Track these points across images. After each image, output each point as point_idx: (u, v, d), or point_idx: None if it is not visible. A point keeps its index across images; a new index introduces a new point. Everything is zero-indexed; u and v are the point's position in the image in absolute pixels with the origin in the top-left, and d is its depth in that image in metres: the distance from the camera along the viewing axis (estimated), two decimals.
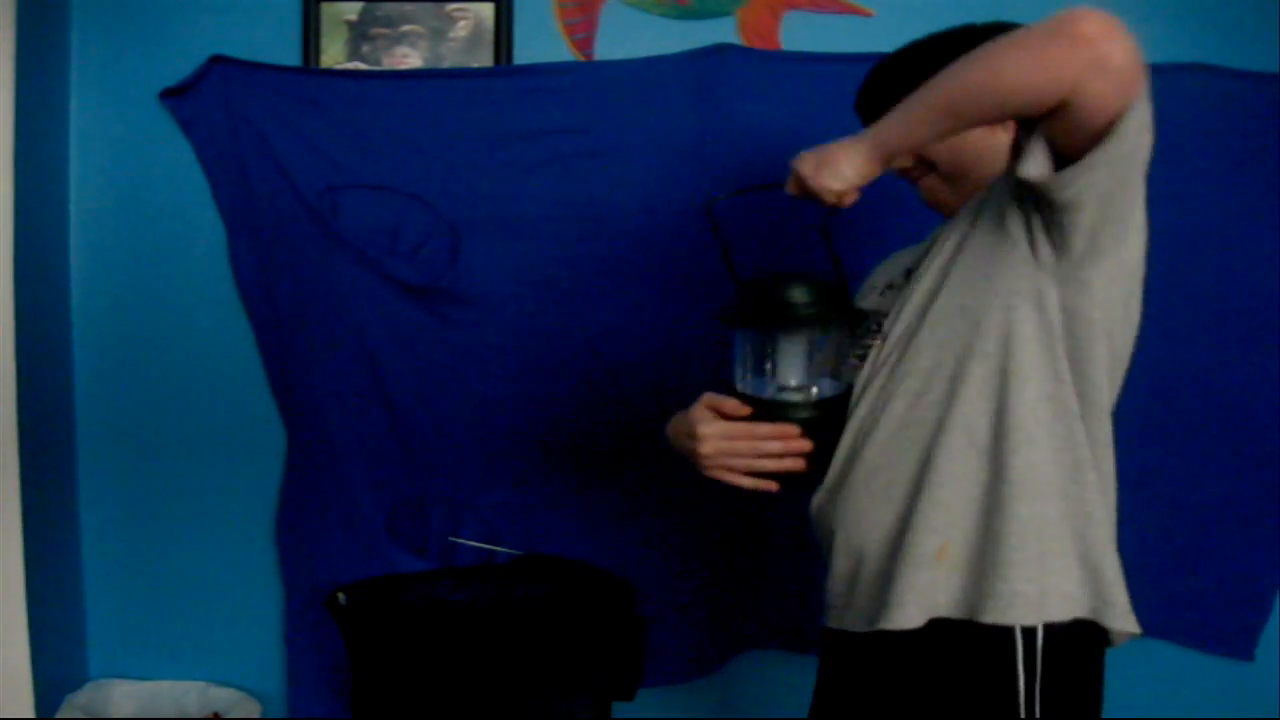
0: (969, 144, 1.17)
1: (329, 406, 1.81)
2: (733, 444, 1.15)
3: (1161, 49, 1.80)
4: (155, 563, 1.89)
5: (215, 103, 1.78)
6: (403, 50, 1.82)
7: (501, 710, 1.56)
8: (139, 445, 1.87)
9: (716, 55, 1.79)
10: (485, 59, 1.82)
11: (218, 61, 1.77)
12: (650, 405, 1.73)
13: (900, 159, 1.17)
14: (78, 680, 1.86)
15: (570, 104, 1.79)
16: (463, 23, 1.82)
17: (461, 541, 1.83)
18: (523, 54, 1.82)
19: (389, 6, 1.81)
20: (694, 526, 1.84)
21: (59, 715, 1.77)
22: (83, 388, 1.87)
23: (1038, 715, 1.04)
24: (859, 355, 1.19)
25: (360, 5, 1.81)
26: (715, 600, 1.88)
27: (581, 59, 1.83)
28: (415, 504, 1.85)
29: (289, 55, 1.80)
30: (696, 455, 1.17)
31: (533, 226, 1.80)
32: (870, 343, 1.18)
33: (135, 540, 1.89)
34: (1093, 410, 1.06)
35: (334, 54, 1.81)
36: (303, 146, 1.78)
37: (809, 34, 1.83)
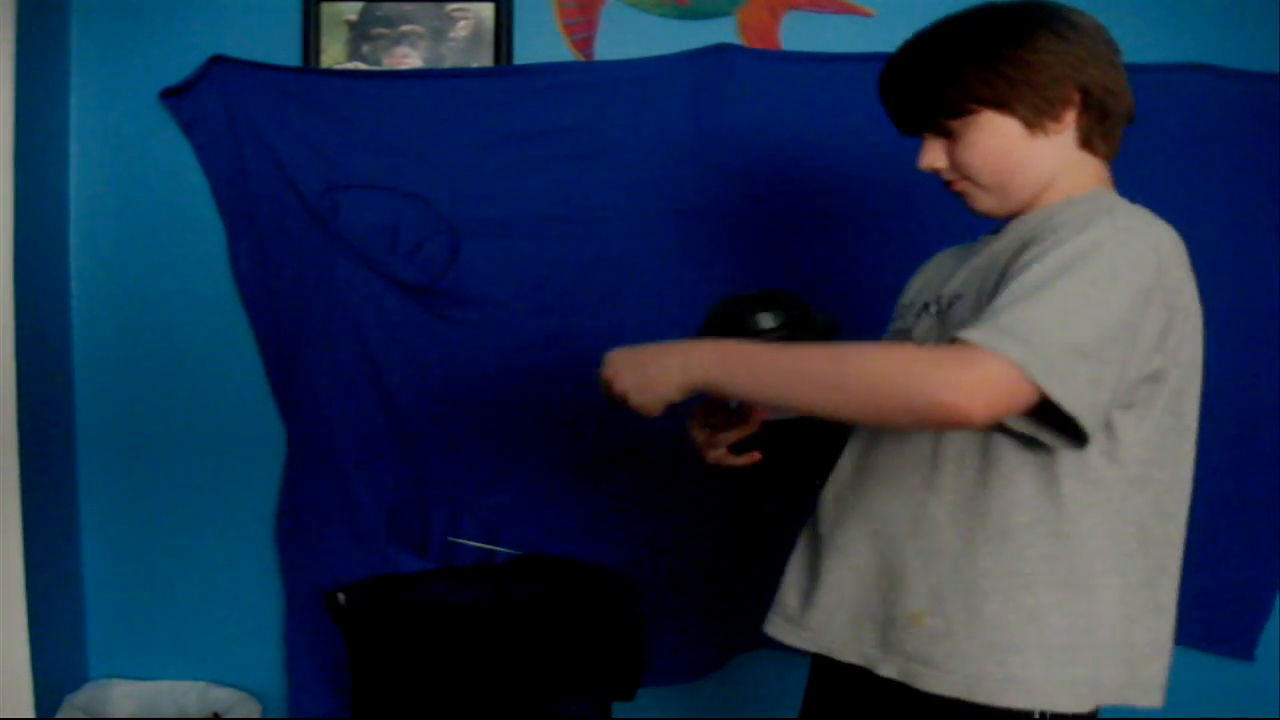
0: (1008, 155, 1.05)
1: (329, 406, 1.81)
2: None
3: (1161, 49, 1.80)
4: (155, 563, 1.89)
5: (215, 103, 1.78)
6: (403, 50, 1.82)
7: (501, 710, 1.56)
8: (139, 445, 1.87)
9: (716, 55, 1.79)
10: (485, 59, 1.82)
11: (218, 61, 1.77)
12: None
13: (945, 173, 1.09)
14: (78, 680, 1.86)
15: (570, 104, 1.79)
16: (463, 23, 1.82)
17: (461, 541, 1.83)
18: (523, 54, 1.82)
19: (389, 6, 1.81)
20: (693, 526, 1.84)
21: (59, 715, 1.76)
22: (83, 388, 1.87)
23: None
24: None
25: (360, 5, 1.81)
26: (715, 600, 1.88)
27: (581, 59, 1.83)
28: (415, 504, 1.85)
29: (289, 55, 1.80)
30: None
31: (533, 226, 1.80)
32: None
33: (135, 540, 1.89)
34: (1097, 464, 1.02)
35: (334, 54, 1.81)
36: (303, 146, 1.78)
37: (809, 34, 1.83)
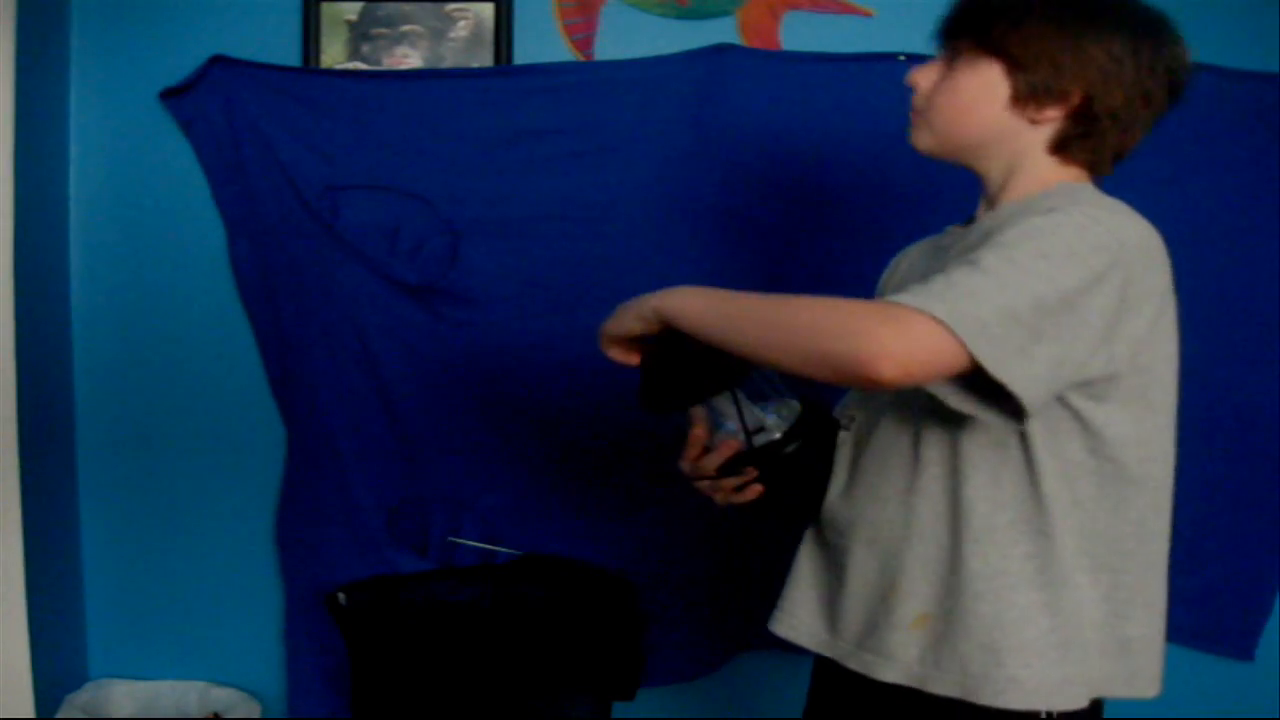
0: (973, 109, 1.07)
1: (329, 406, 1.81)
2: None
3: None
4: (155, 563, 1.89)
5: (215, 103, 1.78)
6: (403, 50, 1.82)
7: (501, 710, 1.57)
8: (139, 445, 1.87)
9: (716, 55, 1.79)
10: (485, 59, 1.82)
11: (218, 61, 1.77)
12: None
13: (917, 98, 1.09)
14: (78, 680, 1.86)
15: (570, 104, 1.79)
16: (463, 23, 1.82)
17: (461, 541, 1.83)
18: (523, 54, 1.82)
19: (389, 6, 1.81)
20: (694, 526, 1.84)
21: (59, 715, 1.77)
22: (83, 388, 1.87)
23: None
24: None
25: (360, 5, 1.81)
26: (715, 600, 1.88)
27: (581, 59, 1.83)
28: (415, 504, 1.85)
29: (289, 55, 1.80)
30: None
31: (533, 226, 1.80)
32: None
33: (135, 540, 1.89)
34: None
35: (334, 54, 1.81)
36: (303, 146, 1.77)
37: (809, 34, 1.83)
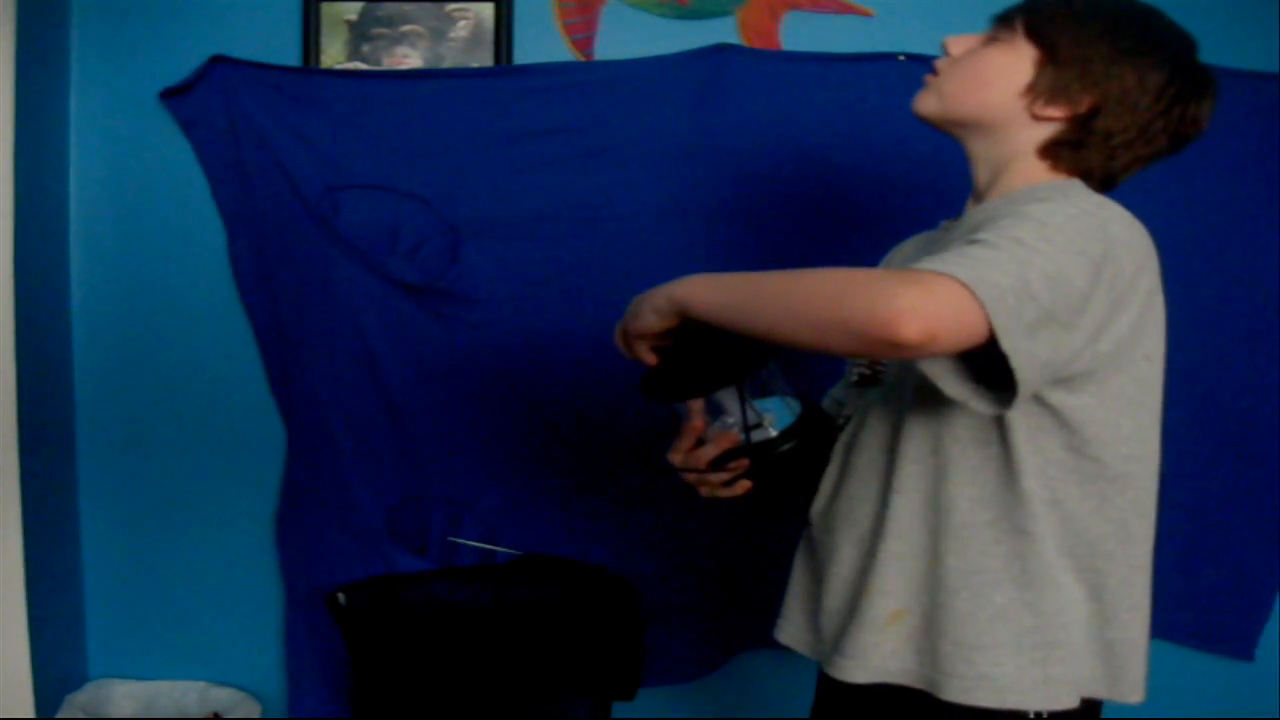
0: (989, 85, 1.05)
1: (329, 406, 1.81)
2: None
3: None
4: (155, 562, 1.89)
5: (215, 103, 1.78)
6: (403, 50, 1.82)
7: (501, 710, 1.57)
8: (139, 445, 1.87)
9: (717, 55, 1.79)
10: (485, 59, 1.82)
11: (218, 61, 1.77)
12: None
13: (941, 61, 1.08)
14: (78, 680, 1.86)
15: (570, 104, 1.79)
16: (463, 23, 1.82)
17: (461, 541, 1.83)
18: (523, 54, 1.82)
19: (389, 6, 1.81)
20: (693, 526, 1.84)
21: (59, 715, 1.77)
22: (83, 388, 1.86)
23: None
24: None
25: (360, 5, 1.81)
26: (715, 600, 1.88)
27: (581, 59, 1.83)
28: (415, 504, 1.85)
29: (289, 55, 1.80)
30: None
31: (533, 226, 1.80)
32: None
33: (135, 540, 1.88)
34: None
35: (334, 54, 1.81)
36: (303, 146, 1.77)
37: (809, 34, 1.83)
